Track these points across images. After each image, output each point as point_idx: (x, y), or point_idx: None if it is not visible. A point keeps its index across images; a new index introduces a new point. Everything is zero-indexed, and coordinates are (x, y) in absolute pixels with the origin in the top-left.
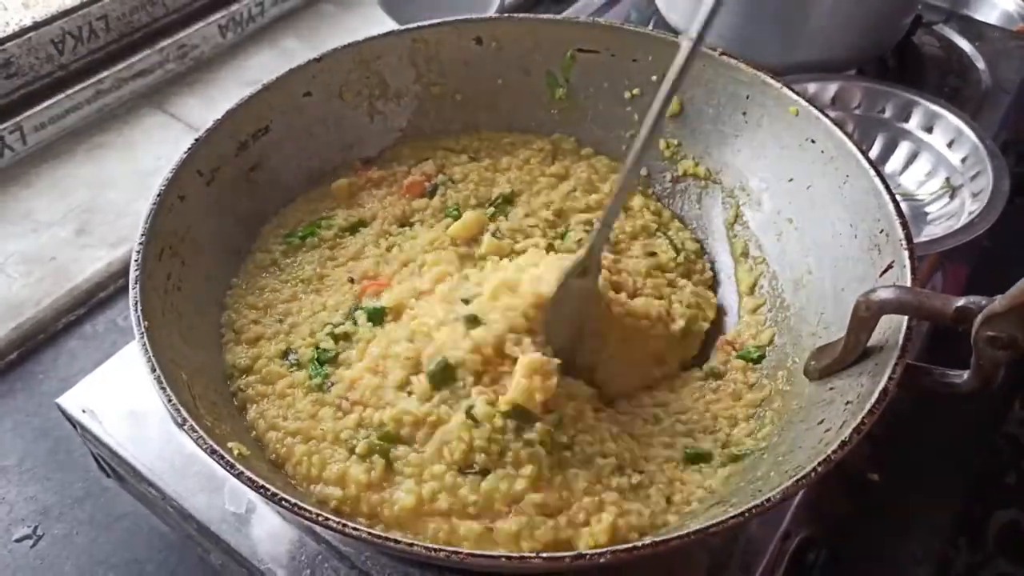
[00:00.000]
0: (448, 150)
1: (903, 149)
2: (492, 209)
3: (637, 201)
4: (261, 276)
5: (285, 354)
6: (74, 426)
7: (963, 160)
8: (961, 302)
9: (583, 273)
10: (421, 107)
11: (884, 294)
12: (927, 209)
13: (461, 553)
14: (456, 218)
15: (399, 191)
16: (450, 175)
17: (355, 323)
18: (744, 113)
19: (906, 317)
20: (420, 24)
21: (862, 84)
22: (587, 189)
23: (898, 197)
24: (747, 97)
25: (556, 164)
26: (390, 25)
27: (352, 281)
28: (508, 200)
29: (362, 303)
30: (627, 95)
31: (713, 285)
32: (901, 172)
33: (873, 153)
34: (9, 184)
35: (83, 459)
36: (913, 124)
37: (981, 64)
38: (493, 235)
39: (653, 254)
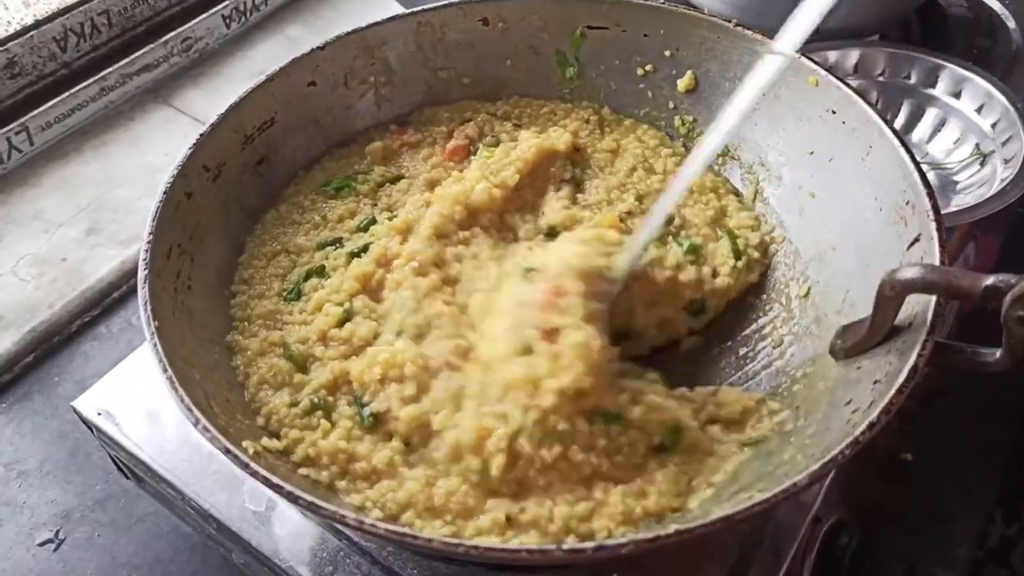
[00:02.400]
0: (490, 115)
1: (930, 116)
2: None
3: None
4: (281, 228)
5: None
6: (90, 429)
7: (993, 125)
8: (990, 280)
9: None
10: (429, 93)
11: (908, 273)
12: (957, 177)
13: (480, 547)
14: None
15: (441, 154)
16: (498, 139)
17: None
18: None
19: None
20: (424, 7)
21: (885, 50)
22: (647, 168)
23: (925, 166)
24: None
25: (607, 137)
26: (396, 9)
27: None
28: (576, 179)
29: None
30: (640, 72)
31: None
32: (929, 140)
33: (899, 121)
34: (17, 185)
35: (102, 461)
36: (940, 89)
37: (1012, 23)
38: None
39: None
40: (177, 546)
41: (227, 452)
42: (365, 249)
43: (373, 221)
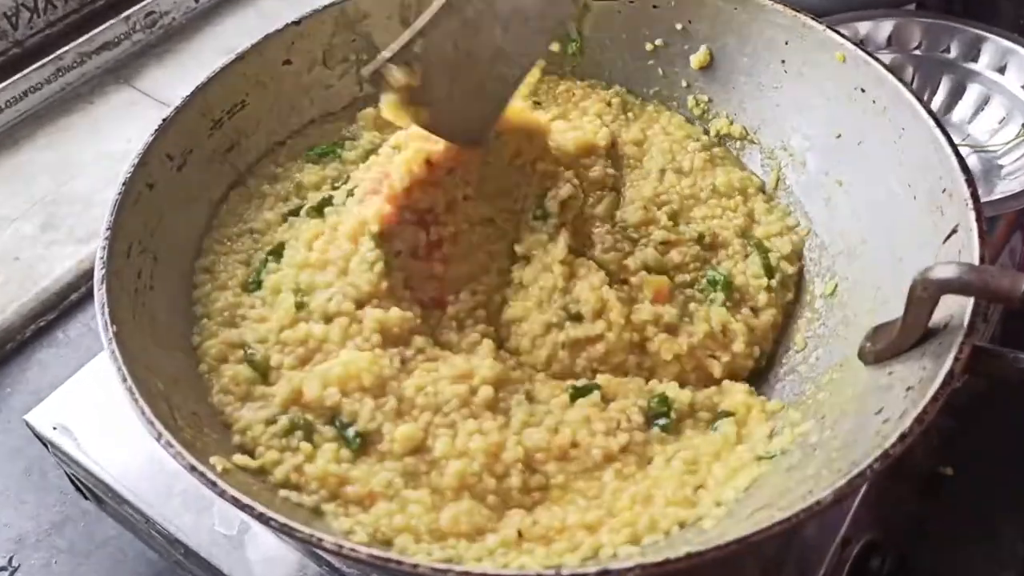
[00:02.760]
0: None
1: (972, 93)
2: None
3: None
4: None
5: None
6: (45, 445)
7: None
8: None
9: None
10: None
11: (942, 273)
12: (1001, 161)
13: (472, 573)
14: None
15: None
16: None
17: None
18: (783, 62)
19: None
20: None
21: (922, 20)
22: (676, 170)
23: (966, 149)
24: (786, 43)
25: (632, 126)
26: None
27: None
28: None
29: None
30: (649, 47)
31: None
32: (970, 120)
33: (937, 100)
34: None
35: (59, 481)
36: (983, 64)
37: None
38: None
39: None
40: (141, 573)
41: (192, 470)
42: (325, 205)
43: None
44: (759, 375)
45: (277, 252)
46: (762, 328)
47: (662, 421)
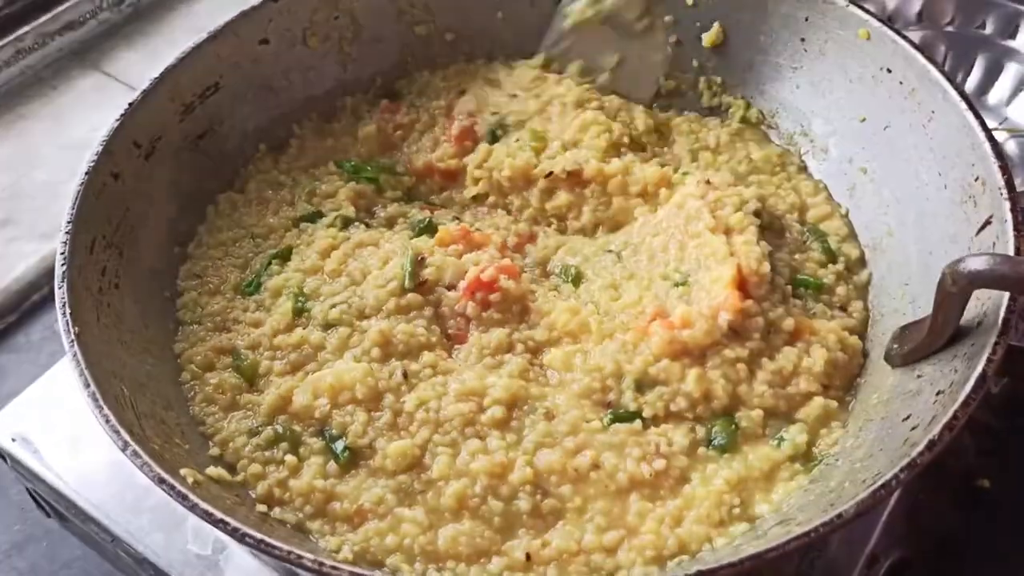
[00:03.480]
0: (489, 82)
1: (1010, 73)
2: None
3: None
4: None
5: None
6: (3, 458)
7: None
8: None
9: None
10: (404, 52)
11: (974, 264)
12: None
13: None
14: None
15: (447, 140)
16: (500, 117)
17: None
18: (803, 40)
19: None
20: None
21: None
22: (705, 148)
23: (1002, 134)
24: (806, 19)
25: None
26: None
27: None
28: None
29: None
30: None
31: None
32: (1008, 102)
33: (971, 81)
34: None
35: (19, 497)
36: (1022, 41)
37: None
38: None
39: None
40: None
41: (161, 482)
42: (351, 222)
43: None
44: None
45: (283, 256)
46: (859, 325)
47: (719, 440)
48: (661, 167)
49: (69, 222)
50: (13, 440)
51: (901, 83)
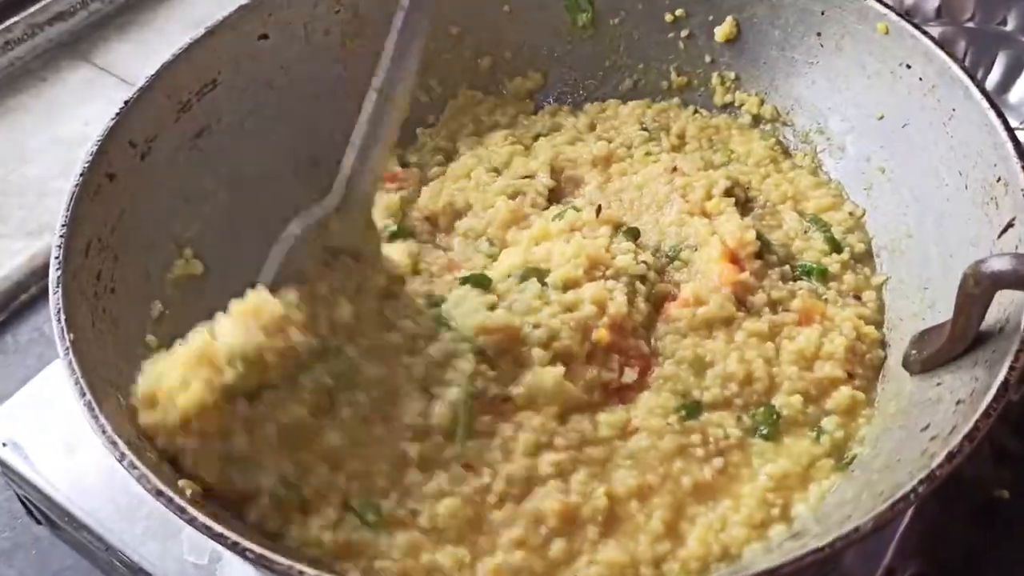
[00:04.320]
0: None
1: None
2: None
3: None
4: None
5: None
6: None
7: None
8: None
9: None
10: None
11: (997, 264)
12: None
13: None
14: None
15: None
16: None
17: None
18: (819, 34)
19: None
20: None
21: None
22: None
23: None
24: (822, 13)
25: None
26: None
27: None
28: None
29: None
30: (668, 17)
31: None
32: None
33: (993, 77)
34: None
35: (8, 504)
36: None
37: None
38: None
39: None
40: None
41: (159, 494)
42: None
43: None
44: None
45: None
46: (875, 316)
47: (765, 430)
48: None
49: (64, 224)
50: (3, 445)
51: (921, 80)
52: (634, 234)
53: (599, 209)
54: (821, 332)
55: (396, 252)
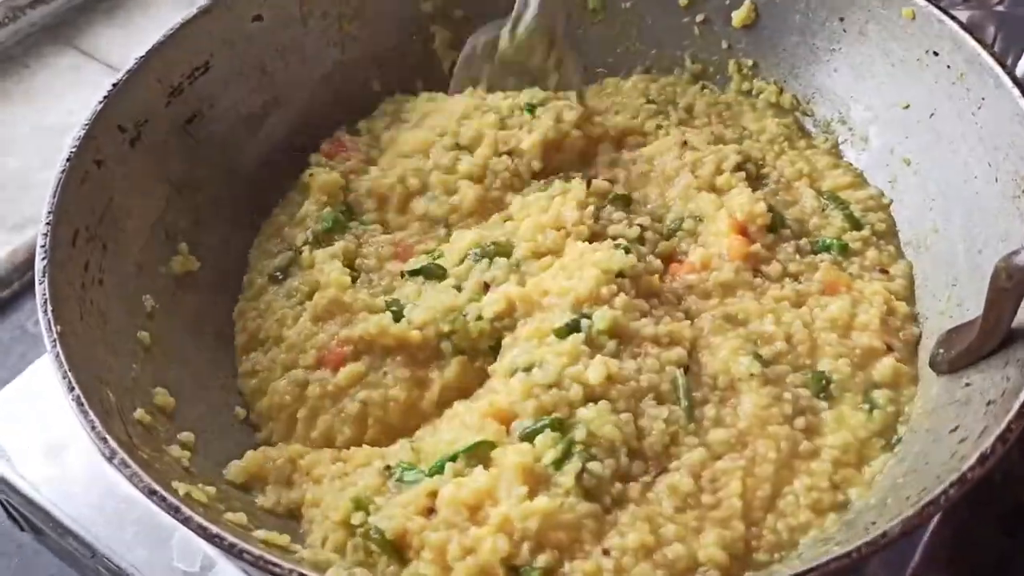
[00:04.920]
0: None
1: None
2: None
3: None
4: None
5: None
6: None
7: None
8: None
9: None
10: (404, 29)
11: None
12: None
13: None
14: None
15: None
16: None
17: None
18: (842, 19)
19: None
20: None
21: None
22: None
23: None
24: None
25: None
26: None
27: None
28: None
29: None
30: (683, 0)
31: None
32: None
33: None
34: None
35: None
36: None
37: None
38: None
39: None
40: None
41: (151, 493)
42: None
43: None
44: None
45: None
46: (904, 291)
47: (821, 394)
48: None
49: (50, 212)
50: None
51: (948, 67)
52: (625, 201)
53: (589, 181)
54: (851, 302)
55: (330, 266)
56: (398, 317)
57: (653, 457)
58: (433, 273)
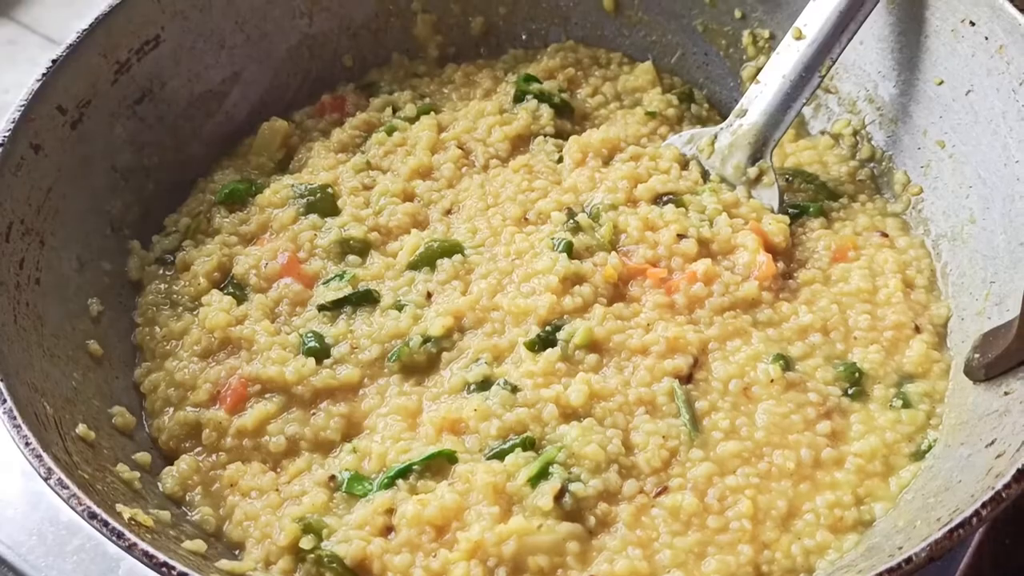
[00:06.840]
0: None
1: None
2: None
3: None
4: None
5: None
6: None
7: None
8: None
9: None
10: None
11: None
12: None
13: None
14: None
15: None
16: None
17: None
18: None
19: None
20: None
21: None
22: None
23: None
24: None
25: None
26: None
27: None
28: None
29: None
30: None
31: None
32: None
33: None
34: None
35: None
36: None
37: None
38: None
39: None
40: None
41: (92, 517)
42: None
43: None
44: None
45: None
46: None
47: (851, 390)
48: None
49: None
50: None
51: (987, 39)
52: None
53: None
54: (869, 270)
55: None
56: (320, 357)
57: (651, 474)
58: (366, 299)
